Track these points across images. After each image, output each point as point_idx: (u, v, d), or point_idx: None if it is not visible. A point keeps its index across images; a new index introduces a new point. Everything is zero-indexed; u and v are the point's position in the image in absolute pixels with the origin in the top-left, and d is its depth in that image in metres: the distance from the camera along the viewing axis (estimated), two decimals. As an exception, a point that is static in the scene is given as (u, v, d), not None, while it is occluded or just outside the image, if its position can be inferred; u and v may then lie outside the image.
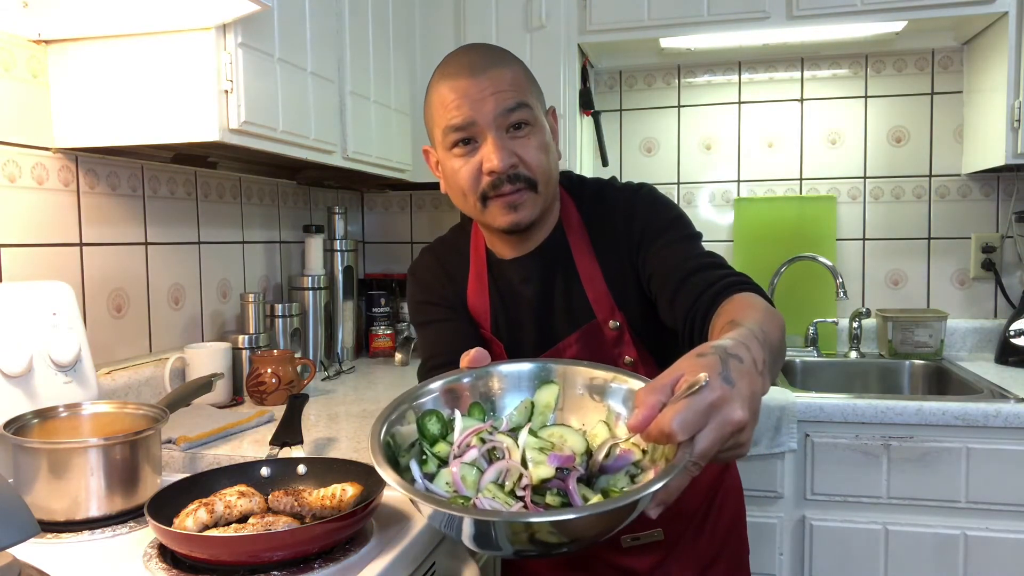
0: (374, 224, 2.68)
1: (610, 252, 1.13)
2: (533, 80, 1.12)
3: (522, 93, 1.07)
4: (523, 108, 1.07)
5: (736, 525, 1.30)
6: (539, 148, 1.08)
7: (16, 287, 1.20)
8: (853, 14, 2.01)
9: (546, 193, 1.11)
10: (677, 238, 1.10)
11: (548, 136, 1.11)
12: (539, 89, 1.13)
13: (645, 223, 1.12)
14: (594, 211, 1.16)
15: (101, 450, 1.00)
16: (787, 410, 1.78)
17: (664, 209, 1.14)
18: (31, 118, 1.33)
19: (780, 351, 0.85)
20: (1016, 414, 1.69)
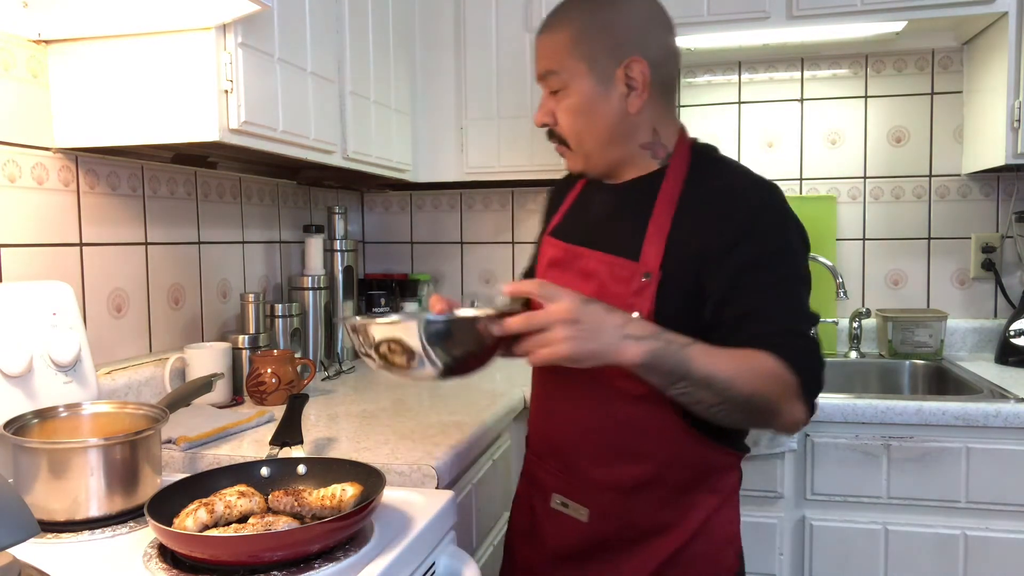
0: (374, 224, 2.68)
1: (691, 226, 1.10)
2: (592, 37, 1.12)
3: (555, 60, 1.14)
4: (551, 75, 1.15)
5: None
6: (567, 110, 1.14)
7: (16, 287, 1.20)
8: (853, 14, 2.01)
9: (583, 151, 1.17)
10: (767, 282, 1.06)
11: (586, 98, 1.13)
12: (607, 47, 1.11)
13: (739, 236, 1.08)
14: (702, 180, 1.14)
15: (101, 450, 1.00)
16: (787, 410, 1.78)
17: (772, 234, 1.09)
18: (31, 118, 1.33)
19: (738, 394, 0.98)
20: (1016, 414, 1.69)
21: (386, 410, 1.60)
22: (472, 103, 2.19)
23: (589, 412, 1.16)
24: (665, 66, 1.15)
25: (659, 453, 1.13)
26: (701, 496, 1.16)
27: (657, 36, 1.14)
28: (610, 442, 1.15)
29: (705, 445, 1.12)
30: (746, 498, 1.83)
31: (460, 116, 2.20)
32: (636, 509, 1.15)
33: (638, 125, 1.15)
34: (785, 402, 1.01)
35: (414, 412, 1.58)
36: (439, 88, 2.21)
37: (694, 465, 1.14)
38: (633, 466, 1.13)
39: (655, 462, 1.13)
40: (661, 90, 1.15)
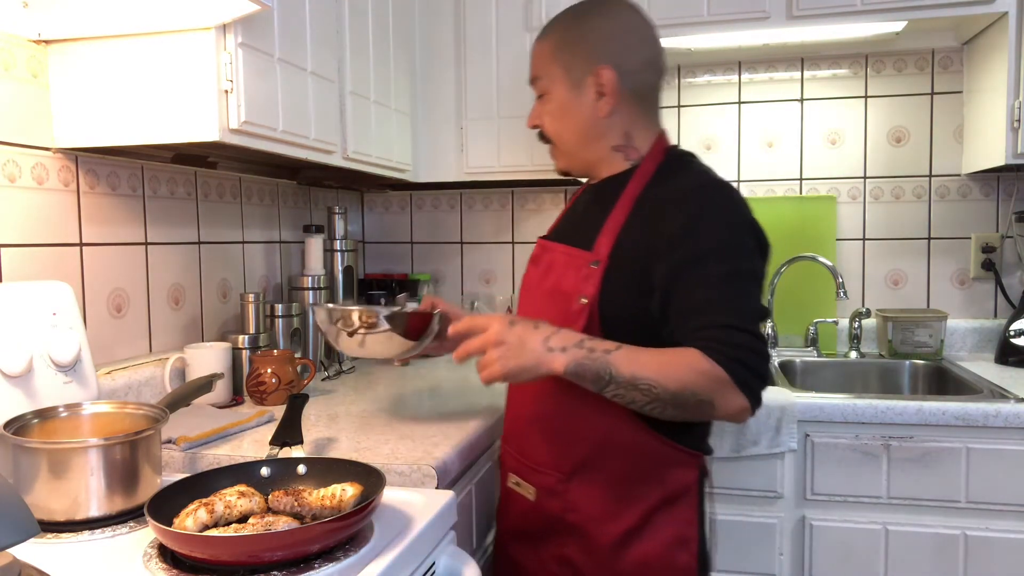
0: (374, 224, 2.68)
1: (642, 220, 1.18)
2: (568, 48, 1.24)
3: (540, 67, 1.28)
4: (537, 81, 1.29)
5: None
6: (549, 113, 1.28)
7: (16, 287, 1.20)
8: (853, 14, 2.01)
9: (567, 150, 1.29)
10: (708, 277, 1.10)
11: (562, 102, 1.25)
12: (580, 56, 1.23)
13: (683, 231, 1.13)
14: (663, 180, 1.21)
15: (101, 450, 1.00)
16: (787, 410, 1.78)
17: (716, 231, 1.13)
18: (31, 118, 1.33)
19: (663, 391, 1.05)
20: (1016, 414, 1.69)
21: (386, 410, 1.60)
22: (472, 103, 2.19)
23: (536, 397, 1.25)
24: (638, 75, 1.24)
25: (595, 438, 1.19)
26: (644, 488, 1.19)
27: (630, 47, 1.24)
28: (552, 425, 1.23)
29: (651, 437, 1.17)
30: (746, 498, 1.83)
31: (460, 116, 2.20)
32: (576, 492, 1.21)
33: (609, 128, 1.25)
34: (718, 396, 1.06)
35: (414, 412, 1.58)
36: (439, 88, 2.22)
37: (634, 455, 1.18)
38: (570, 448, 1.21)
39: (589, 445, 1.20)
40: (633, 97, 1.24)
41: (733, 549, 1.85)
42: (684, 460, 1.21)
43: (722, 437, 1.81)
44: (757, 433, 1.80)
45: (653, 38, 1.27)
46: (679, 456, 1.20)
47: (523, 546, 1.30)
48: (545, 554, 1.25)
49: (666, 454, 1.18)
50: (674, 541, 1.19)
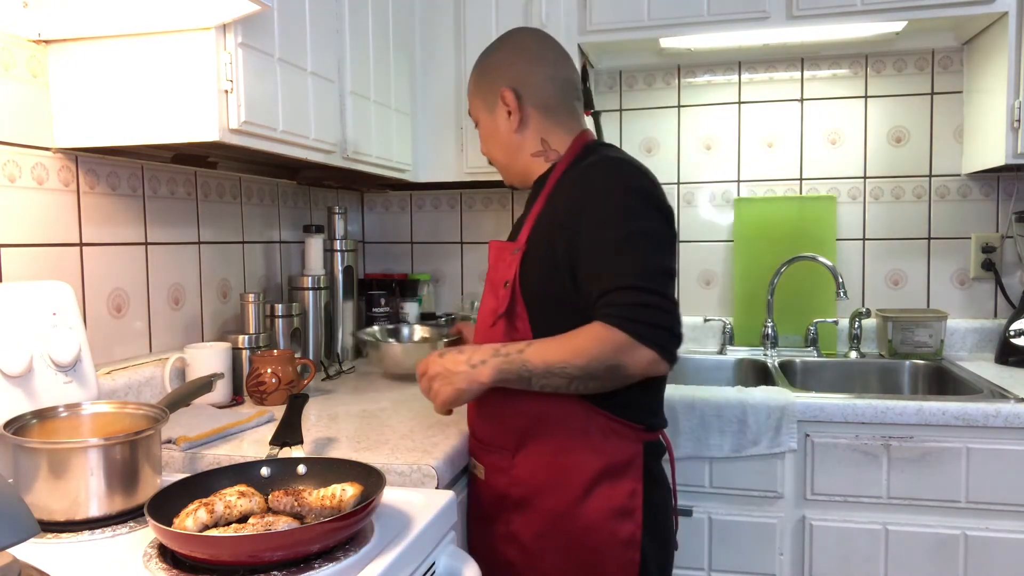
0: (374, 224, 2.68)
1: (552, 203, 1.28)
2: (481, 81, 1.41)
3: (469, 103, 1.45)
4: (470, 115, 1.46)
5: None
6: (483, 140, 1.44)
7: (16, 287, 1.20)
8: (853, 14, 2.01)
9: (502, 166, 1.43)
10: (602, 243, 1.19)
11: (485, 126, 1.41)
12: (487, 86, 1.39)
13: (581, 205, 1.22)
14: (574, 166, 1.31)
15: (101, 450, 1.00)
16: (787, 410, 1.78)
17: (608, 200, 1.21)
18: (31, 118, 1.33)
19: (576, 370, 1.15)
20: (1016, 414, 1.69)
21: (386, 410, 1.60)
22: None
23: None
24: (538, 88, 1.36)
25: (532, 412, 1.25)
26: (583, 458, 1.24)
27: (525, 68, 1.36)
28: (493, 403, 1.29)
29: (587, 409, 1.23)
30: (746, 498, 1.83)
31: (460, 116, 2.20)
32: (519, 467, 1.27)
33: (525, 139, 1.38)
34: (624, 356, 1.13)
35: (414, 412, 1.58)
36: (439, 88, 2.22)
37: (572, 427, 1.24)
38: (511, 424, 1.28)
39: (528, 419, 1.26)
40: (540, 108, 1.36)
41: (733, 549, 1.85)
42: (624, 432, 1.25)
43: (722, 437, 1.82)
44: (757, 433, 1.80)
45: (550, 58, 1.38)
46: (619, 428, 1.24)
47: (477, 527, 1.36)
48: (493, 533, 1.31)
49: (604, 425, 1.24)
50: (616, 511, 1.23)
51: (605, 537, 1.23)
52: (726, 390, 1.87)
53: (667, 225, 1.23)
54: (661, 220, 1.21)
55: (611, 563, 1.23)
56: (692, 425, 1.84)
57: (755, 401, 1.80)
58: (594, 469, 1.23)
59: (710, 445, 1.83)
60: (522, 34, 1.42)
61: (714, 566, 1.87)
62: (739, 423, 1.81)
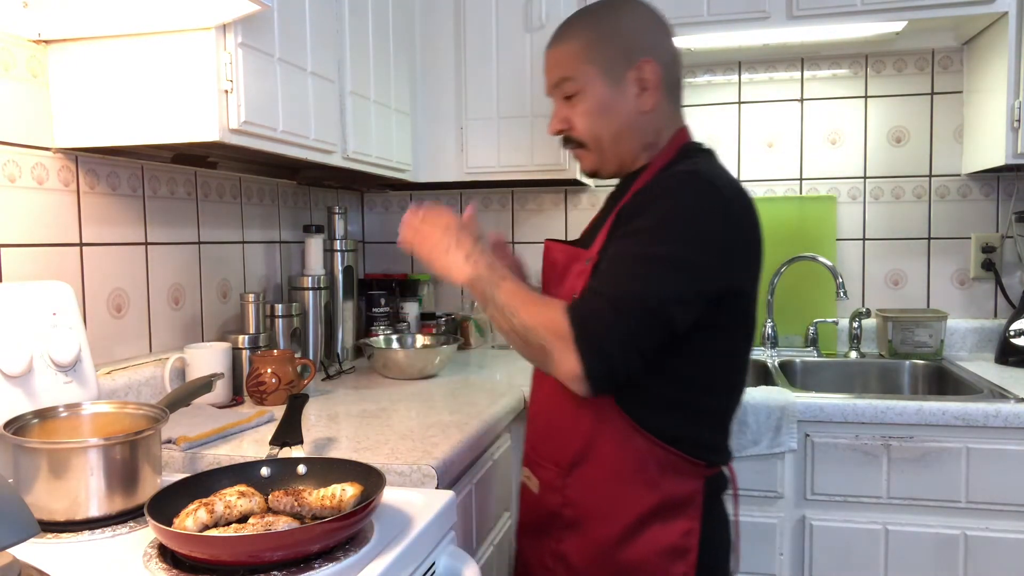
0: (374, 224, 2.68)
1: (627, 214, 1.17)
2: (606, 43, 1.21)
3: (568, 68, 1.23)
4: (566, 82, 1.23)
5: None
6: (584, 113, 1.23)
7: (16, 287, 1.20)
8: (853, 14, 2.01)
9: (600, 149, 1.25)
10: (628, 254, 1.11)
11: (602, 99, 1.21)
12: (618, 51, 1.20)
13: (632, 209, 1.15)
14: (660, 176, 1.19)
15: (101, 450, 1.00)
16: (787, 410, 1.78)
17: (656, 214, 1.11)
18: (31, 118, 1.33)
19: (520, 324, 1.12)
20: (1016, 414, 1.69)
21: (386, 410, 1.60)
22: (472, 103, 2.19)
23: (545, 393, 1.26)
24: (672, 67, 1.23)
25: (585, 433, 1.18)
26: (638, 491, 1.15)
27: (661, 39, 1.23)
28: (550, 419, 1.25)
29: (644, 439, 1.15)
30: (746, 498, 1.83)
31: (460, 116, 2.20)
32: (573, 487, 1.20)
33: (647, 124, 1.23)
34: (555, 349, 1.09)
35: (414, 412, 1.58)
36: (439, 88, 2.22)
37: (626, 456, 1.16)
38: (565, 443, 1.21)
39: (581, 441, 1.19)
40: (669, 90, 1.24)
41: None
42: (684, 468, 1.16)
43: (722, 437, 1.82)
44: (757, 433, 1.80)
45: (671, 29, 1.26)
46: (676, 462, 1.15)
47: (528, 538, 1.31)
48: (544, 547, 1.25)
49: (663, 459, 1.15)
50: (670, 550, 1.15)
51: (657, 574, 1.16)
52: (726, 390, 1.86)
53: (705, 253, 1.09)
54: (697, 248, 1.09)
55: None
56: (692, 425, 1.83)
57: (755, 401, 1.80)
58: (648, 505, 1.15)
59: (710, 445, 1.83)
60: (641, 1, 1.24)
61: None
62: (739, 423, 1.81)
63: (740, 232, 1.14)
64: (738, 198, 1.14)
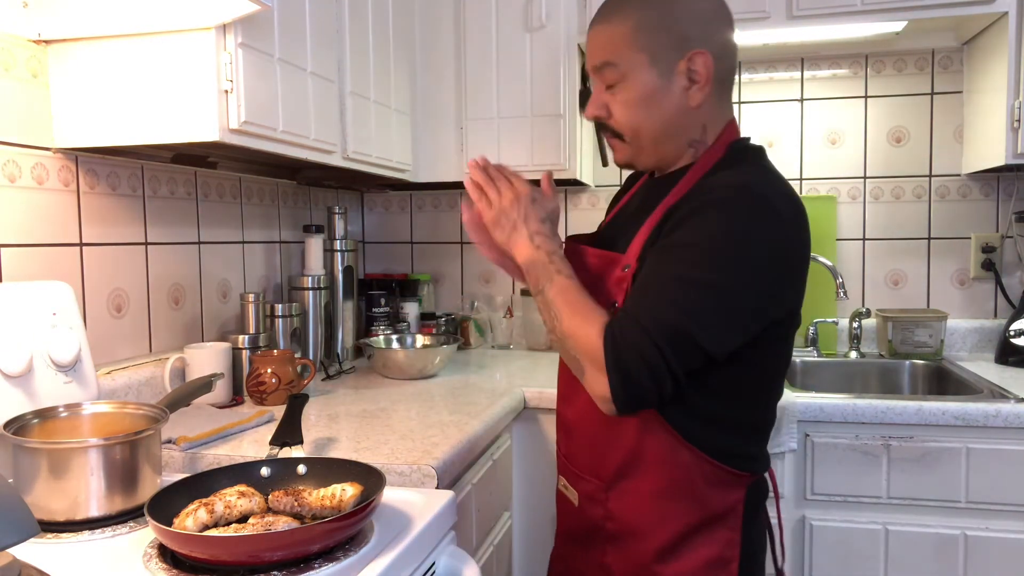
0: (374, 224, 2.68)
1: (671, 219, 1.09)
2: (646, 31, 1.11)
3: (613, 52, 1.13)
4: (608, 67, 1.14)
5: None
6: (625, 103, 1.14)
7: (16, 287, 1.20)
8: (853, 14, 2.01)
9: (639, 143, 1.16)
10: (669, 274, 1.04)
11: (647, 91, 1.12)
12: (671, 37, 1.10)
13: (676, 216, 1.06)
14: (707, 178, 1.12)
15: (101, 450, 1.00)
16: (787, 410, 1.78)
17: (702, 229, 1.04)
18: (31, 118, 1.33)
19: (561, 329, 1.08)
20: (1016, 414, 1.69)
21: (386, 410, 1.60)
22: (472, 103, 2.19)
23: (585, 402, 1.15)
24: (726, 60, 1.13)
25: (628, 447, 1.13)
26: (682, 505, 1.12)
27: (719, 30, 1.13)
28: (590, 431, 1.18)
29: (689, 452, 1.10)
30: (746, 498, 1.83)
31: (460, 116, 2.20)
32: (615, 501, 1.15)
33: (694, 120, 1.14)
34: (587, 367, 1.05)
35: (414, 412, 1.58)
36: (439, 88, 2.22)
37: (671, 469, 1.11)
38: (607, 456, 1.15)
39: (624, 455, 1.13)
40: (720, 85, 1.14)
41: (733, 549, 1.85)
42: (727, 480, 1.12)
43: (722, 437, 1.82)
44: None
45: (732, 20, 1.16)
46: (721, 475, 1.11)
47: (568, 546, 1.28)
48: (588, 558, 1.21)
49: (709, 473, 1.11)
50: (713, 561, 1.13)
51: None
52: (726, 390, 1.86)
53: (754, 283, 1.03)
54: (745, 277, 1.02)
55: None
56: (692, 425, 1.83)
57: (755, 401, 1.80)
58: (693, 520, 1.12)
59: (710, 445, 1.83)
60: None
61: None
62: (739, 423, 1.80)
63: (792, 252, 1.08)
64: (789, 209, 1.06)
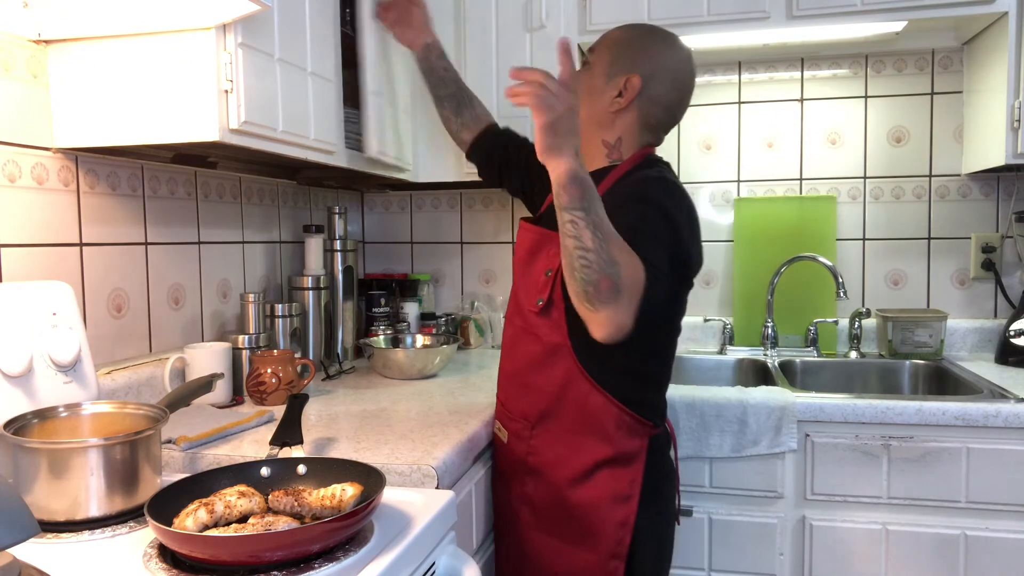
0: (374, 224, 2.68)
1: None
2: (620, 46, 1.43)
3: (599, 46, 1.46)
4: (591, 53, 1.48)
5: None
6: (581, 84, 1.42)
7: (16, 287, 1.20)
8: (853, 14, 2.01)
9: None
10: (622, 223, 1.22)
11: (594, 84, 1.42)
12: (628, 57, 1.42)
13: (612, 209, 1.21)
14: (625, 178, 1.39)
15: (101, 450, 1.00)
16: (787, 410, 1.78)
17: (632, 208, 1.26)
18: (31, 118, 1.33)
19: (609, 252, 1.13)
20: (1016, 414, 1.69)
21: (386, 410, 1.60)
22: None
23: (521, 356, 1.43)
24: (653, 104, 1.41)
25: (553, 391, 1.36)
26: (592, 441, 1.35)
27: (664, 81, 1.41)
28: (522, 379, 1.42)
29: (605, 399, 1.33)
30: (746, 498, 1.83)
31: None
32: (537, 438, 1.40)
33: (610, 124, 1.43)
34: (625, 296, 1.14)
35: (414, 412, 1.58)
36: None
37: (587, 412, 1.35)
38: (535, 400, 1.39)
39: (548, 399, 1.37)
40: (640, 116, 1.41)
41: (733, 549, 1.85)
42: (635, 427, 1.36)
43: (722, 437, 1.82)
44: (757, 433, 1.80)
45: (684, 90, 1.44)
46: (631, 423, 1.35)
47: (499, 484, 1.50)
48: (512, 491, 1.44)
49: (618, 418, 1.34)
50: (616, 496, 1.35)
51: (603, 515, 1.35)
52: (726, 390, 1.87)
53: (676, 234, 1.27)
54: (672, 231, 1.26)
55: (605, 539, 1.35)
56: (692, 425, 1.84)
57: (755, 401, 1.80)
58: (601, 455, 1.35)
59: (710, 445, 1.83)
60: (686, 53, 1.46)
61: (714, 566, 1.87)
62: (739, 423, 1.81)
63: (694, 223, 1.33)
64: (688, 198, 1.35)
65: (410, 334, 2.21)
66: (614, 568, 1.35)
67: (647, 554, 1.38)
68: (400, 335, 2.18)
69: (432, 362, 1.95)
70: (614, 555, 1.35)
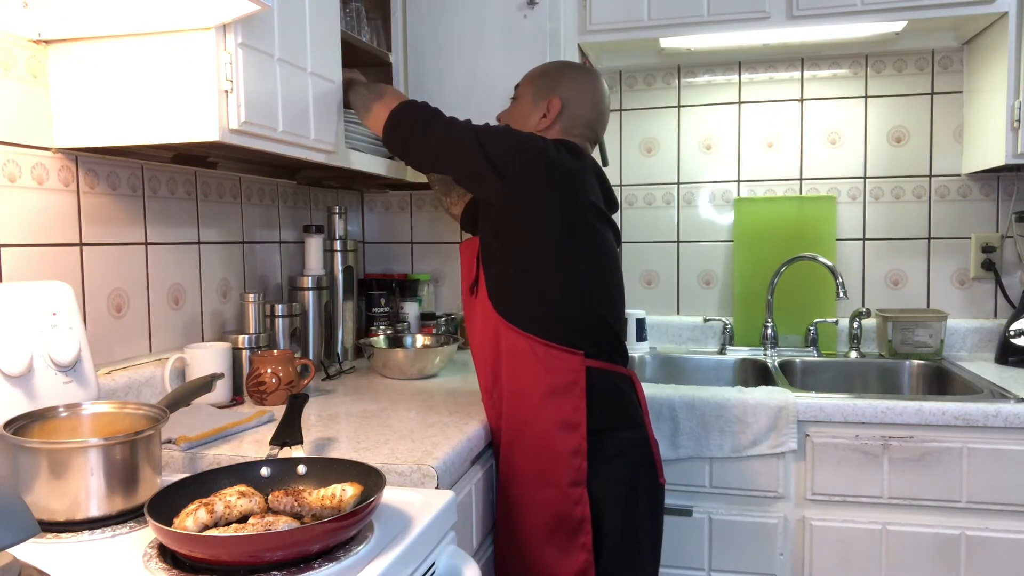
0: (374, 224, 2.68)
1: None
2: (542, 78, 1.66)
3: (522, 82, 1.69)
4: (516, 89, 1.70)
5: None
6: (511, 114, 1.68)
7: (16, 287, 1.20)
8: (853, 14, 2.01)
9: None
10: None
11: (523, 110, 1.64)
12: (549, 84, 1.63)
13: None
14: None
15: (101, 450, 1.00)
16: (787, 410, 1.78)
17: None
18: (31, 118, 1.33)
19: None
20: (1016, 414, 1.69)
21: (386, 410, 1.60)
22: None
23: (473, 344, 1.60)
24: (577, 121, 1.60)
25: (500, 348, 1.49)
26: (534, 376, 1.45)
27: (582, 102, 1.61)
28: (478, 356, 1.58)
29: (534, 341, 1.45)
30: (746, 498, 1.83)
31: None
32: (497, 388, 1.52)
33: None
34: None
35: (414, 412, 1.58)
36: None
37: (525, 356, 1.46)
38: (486, 370, 1.55)
39: (494, 360, 1.52)
40: (566, 133, 1.60)
41: (733, 549, 1.85)
42: (562, 357, 1.45)
43: (722, 437, 1.82)
44: (757, 433, 1.80)
45: (601, 110, 1.64)
46: (556, 352, 1.45)
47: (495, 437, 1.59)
48: (497, 447, 1.54)
49: (544, 351, 1.45)
50: (562, 424, 1.44)
51: (556, 444, 1.44)
52: (726, 390, 1.87)
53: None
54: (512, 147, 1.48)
55: (561, 468, 1.43)
56: (692, 425, 1.84)
57: (755, 401, 1.80)
58: (544, 385, 1.45)
59: (710, 445, 1.83)
60: (598, 78, 1.66)
61: (714, 566, 1.87)
62: (739, 423, 1.81)
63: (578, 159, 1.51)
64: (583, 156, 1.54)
65: (410, 334, 2.21)
66: (578, 496, 1.42)
67: (607, 493, 1.44)
68: (400, 335, 2.18)
69: (432, 362, 1.95)
70: (574, 482, 1.43)
